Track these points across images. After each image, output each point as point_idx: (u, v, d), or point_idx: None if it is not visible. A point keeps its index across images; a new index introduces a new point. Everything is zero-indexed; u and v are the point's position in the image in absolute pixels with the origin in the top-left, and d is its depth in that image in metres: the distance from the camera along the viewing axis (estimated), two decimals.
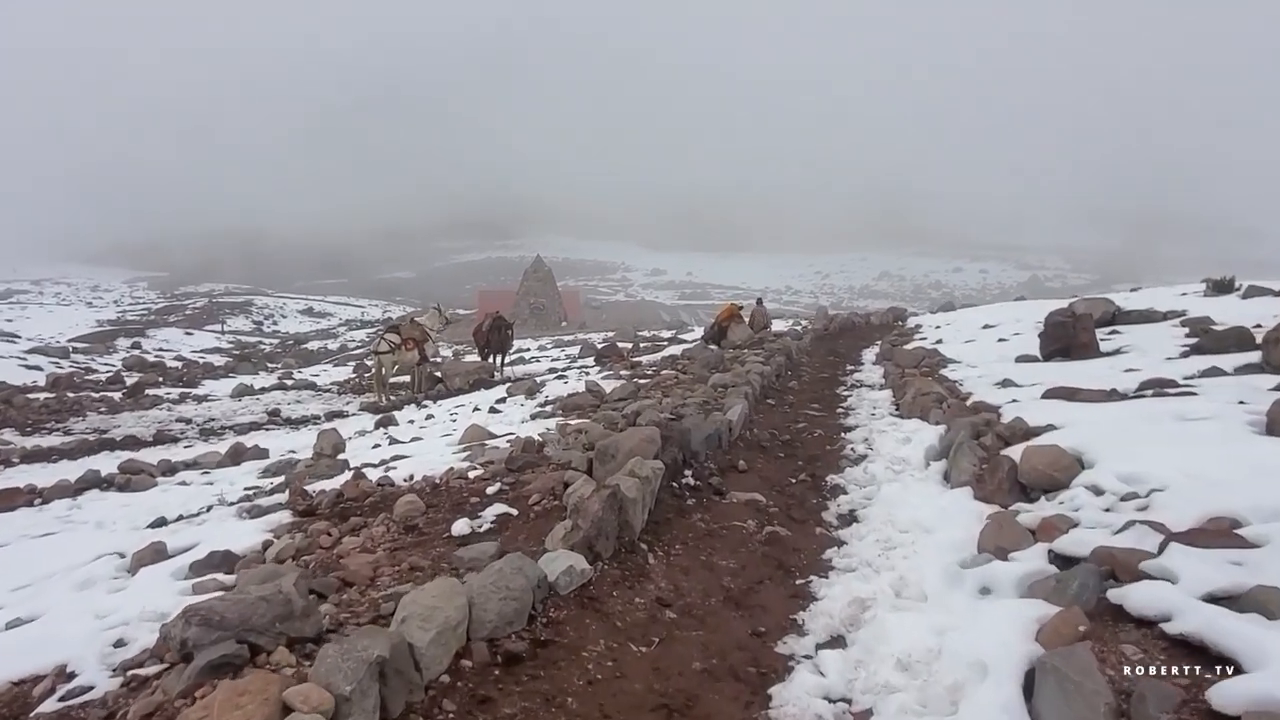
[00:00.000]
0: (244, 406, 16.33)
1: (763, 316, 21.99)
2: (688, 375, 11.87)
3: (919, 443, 6.95)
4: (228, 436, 13.03)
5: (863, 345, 20.49)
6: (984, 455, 5.65)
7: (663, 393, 9.94)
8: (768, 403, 10.42)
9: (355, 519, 5.32)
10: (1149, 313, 14.44)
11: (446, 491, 5.76)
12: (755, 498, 5.60)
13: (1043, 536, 3.96)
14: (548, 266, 63.35)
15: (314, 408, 16.28)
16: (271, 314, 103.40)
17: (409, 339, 16.95)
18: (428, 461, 7.21)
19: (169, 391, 18.77)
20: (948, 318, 23.59)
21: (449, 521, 4.99)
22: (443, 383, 17.98)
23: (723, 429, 7.08)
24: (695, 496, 5.58)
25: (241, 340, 67.16)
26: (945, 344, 15.52)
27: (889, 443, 7.37)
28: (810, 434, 8.25)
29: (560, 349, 29.14)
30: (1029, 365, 11.03)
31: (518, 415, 10.65)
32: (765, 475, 6.44)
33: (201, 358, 42.38)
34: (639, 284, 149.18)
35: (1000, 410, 7.28)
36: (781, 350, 15.09)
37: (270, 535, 5.32)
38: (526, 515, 5.03)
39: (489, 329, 19.29)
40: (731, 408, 7.89)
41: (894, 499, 5.46)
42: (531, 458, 6.17)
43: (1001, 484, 4.95)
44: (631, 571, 4.13)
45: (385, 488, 6.10)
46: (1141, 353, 10.69)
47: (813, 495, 5.93)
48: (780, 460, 7.08)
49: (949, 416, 7.46)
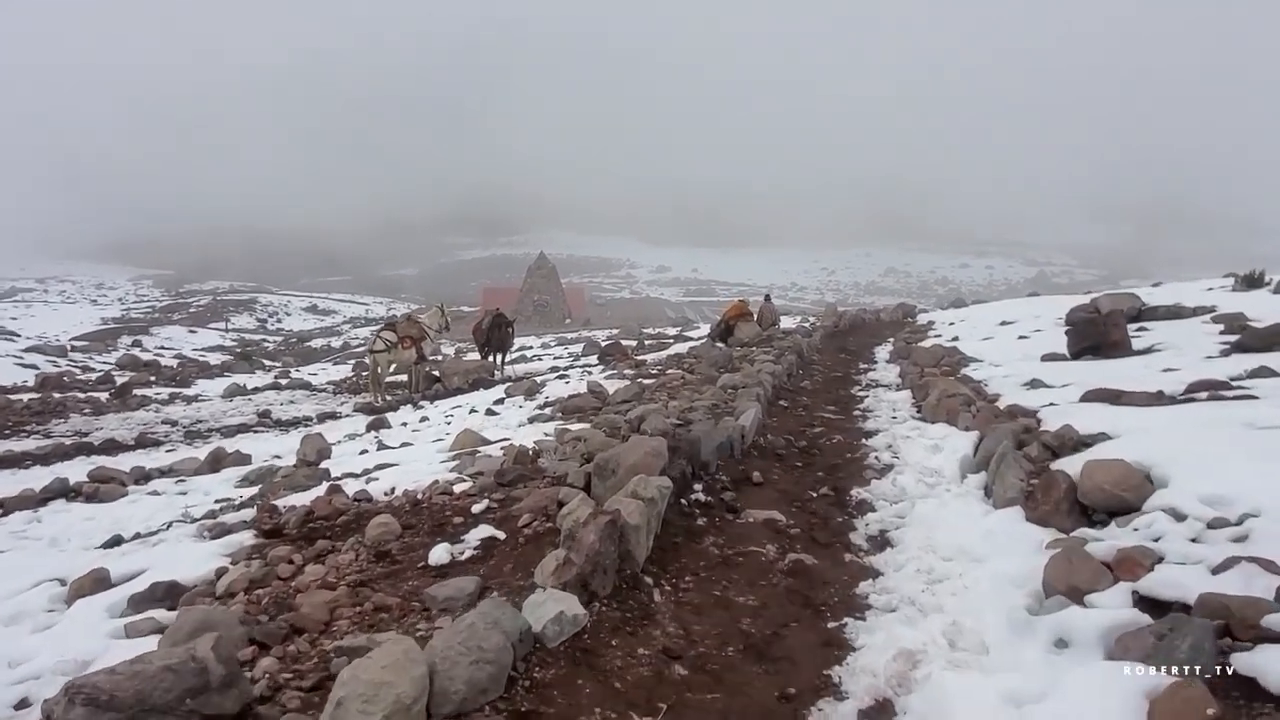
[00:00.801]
0: (234, 407, 15.74)
1: (771, 313, 21.37)
2: (695, 375, 11.24)
3: (951, 451, 6.32)
4: (213, 439, 12.43)
5: (874, 343, 19.84)
6: (1031, 468, 5.01)
7: (669, 395, 9.32)
8: (780, 404, 9.79)
9: (323, 542, 4.71)
10: (1177, 308, 13.79)
11: (428, 509, 5.15)
12: (774, 516, 4.98)
13: (1123, 574, 3.33)
14: (551, 263, 62.79)
15: (307, 409, 15.69)
16: (275, 311, 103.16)
17: (406, 337, 16.35)
18: (413, 472, 6.61)
19: (159, 392, 18.20)
20: (961, 314, 22.93)
21: (427, 546, 4.39)
22: (441, 382, 17.38)
23: (735, 436, 6.45)
24: (706, 515, 4.96)
25: (245, 338, 66.77)
26: (963, 341, 14.87)
27: (916, 450, 6.74)
28: (829, 440, 7.61)
29: (563, 347, 28.54)
30: (1057, 364, 10.39)
31: (515, 418, 10.04)
32: (783, 488, 5.81)
33: (202, 355, 41.92)
34: (643, 280, 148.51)
35: (1038, 415, 6.65)
36: (792, 348, 14.45)
37: (227, 560, 4.71)
38: (515, 539, 4.42)
39: (489, 327, 18.68)
40: (743, 412, 7.26)
41: (931, 518, 4.83)
42: (524, 470, 5.55)
43: (1059, 504, 4.31)
44: (634, 613, 3.51)
45: (361, 504, 5.49)
46: (1178, 351, 10.04)
47: (837, 512, 5.30)
48: (798, 470, 6.45)
49: (981, 422, 6.83)
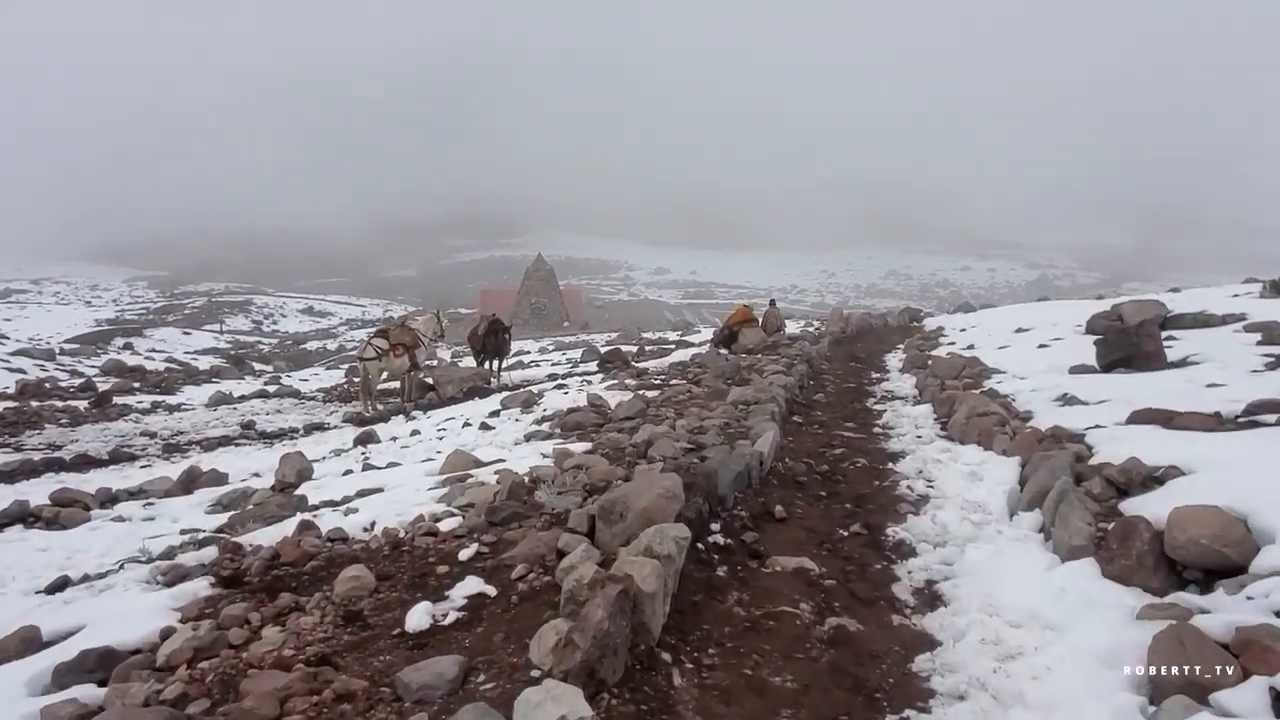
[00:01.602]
0: (218, 417, 15.09)
1: (776, 319, 20.74)
2: (701, 388, 10.62)
3: (994, 482, 5.70)
4: (192, 454, 11.80)
5: (884, 349, 19.25)
6: (1098, 509, 4.39)
7: (676, 411, 8.70)
8: (794, 421, 9.17)
9: (287, 596, 4.07)
10: (1205, 316, 13.20)
11: (409, 554, 4.53)
12: (804, 565, 4.35)
13: (1253, 663, 2.71)
14: (549, 266, 62.17)
15: (293, 419, 15.04)
16: (271, 313, 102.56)
17: (399, 344, 15.71)
18: (398, 501, 5.98)
19: (140, 400, 17.53)
20: (971, 319, 22.32)
21: (405, 605, 3.77)
22: (435, 390, 16.74)
23: (753, 463, 5.83)
24: (727, 563, 4.34)
25: (240, 340, 66.12)
26: (979, 350, 14.27)
27: (952, 478, 6.12)
28: (852, 464, 6.99)
29: (561, 352, 27.91)
30: (1088, 377, 9.77)
31: (511, 434, 9.42)
32: (809, 525, 5.19)
33: (194, 359, 41.26)
34: (642, 283, 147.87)
35: (1085, 439, 6.04)
36: (802, 357, 13.84)
37: (176, 616, 4.08)
38: (507, 596, 3.79)
39: (485, 332, 18.02)
40: (760, 434, 6.64)
41: (986, 569, 4.21)
42: (518, 507, 4.92)
43: (1142, 559, 3.69)
44: (651, 704, 2.89)
45: (335, 545, 4.86)
46: (1218, 364, 9.42)
47: (874, 556, 4.68)
48: (823, 501, 5.83)
49: (1022, 446, 6.21)
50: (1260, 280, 19.91)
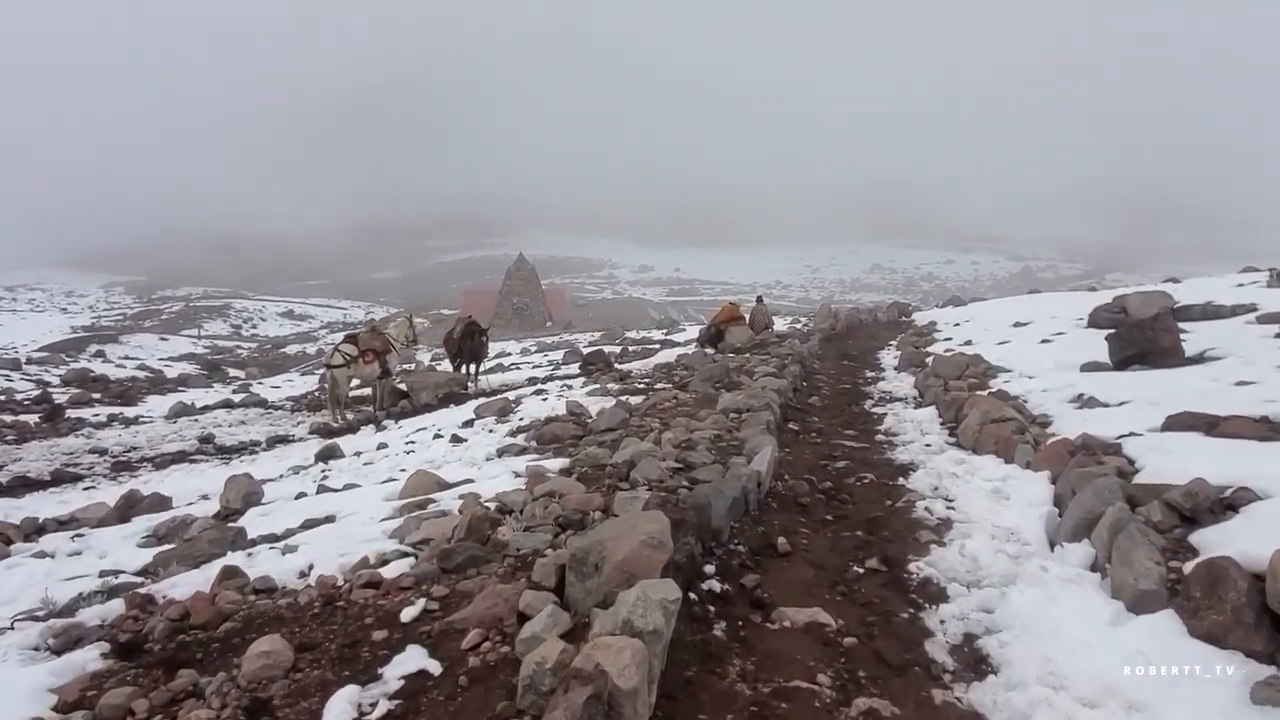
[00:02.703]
0: (176, 431, 14.21)
1: (764, 316, 20.05)
2: (689, 393, 9.89)
3: (1024, 503, 5.00)
4: (142, 472, 10.96)
5: (876, 346, 18.60)
6: (1164, 543, 3.69)
7: (661, 421, 7.96)
8: (790, 429, 8.47)
9: (186, 675, 3.30)
10: (1214, 307, 12.60)
11: (343, 612, 3.77)
12: (816, 618, 3.63)
13: None
14: (531, 265, 61.25)
15: (257, 431, 14.18)
16: (250, 317, 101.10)
17: (368, 350, 14.87)
18: (344, 536, 5.21)
19: (98, 413, 16.60)
20: (964, 313, 21.69)
21: (326, 689, 3.02)
22: (409, 398, 15.92)
23: (750, 486, 5.11)
24: (725, 615, 3.61)
25: (218, 345, 64.79)
26: (977, 346, 13.62)
27: (974, 497, 5.41)
28: (858, 480, 6.28)
29: (543, 353, 27.10)
30: (1101, 376, 9.12)
31: (483, 448, 8.65)
32: (816, 558, 4.48)
33: (168, 365, 40.14)
34: (626, 281, 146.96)
35: (1122, 449, 5.35)
36: (794, 357, 13.15)
37: (52, 702, 3.31)
38: (454, 676, 3.05)
39: (460, 335, 17.19)
40: (756, 450, 5.92)
41: (1037, 621, 3.49)
42: (476, 550, 4.17)
43: (1240, 614, 2.99)
44: None
45: (259, 599, 4.09)
46: (1241, 359, 8.78)
47: (897, 601, 3.96)
48: (830, 528, 5.12)
49: (1051, 460, 5.52)
50: (1261, 269, 19.41)
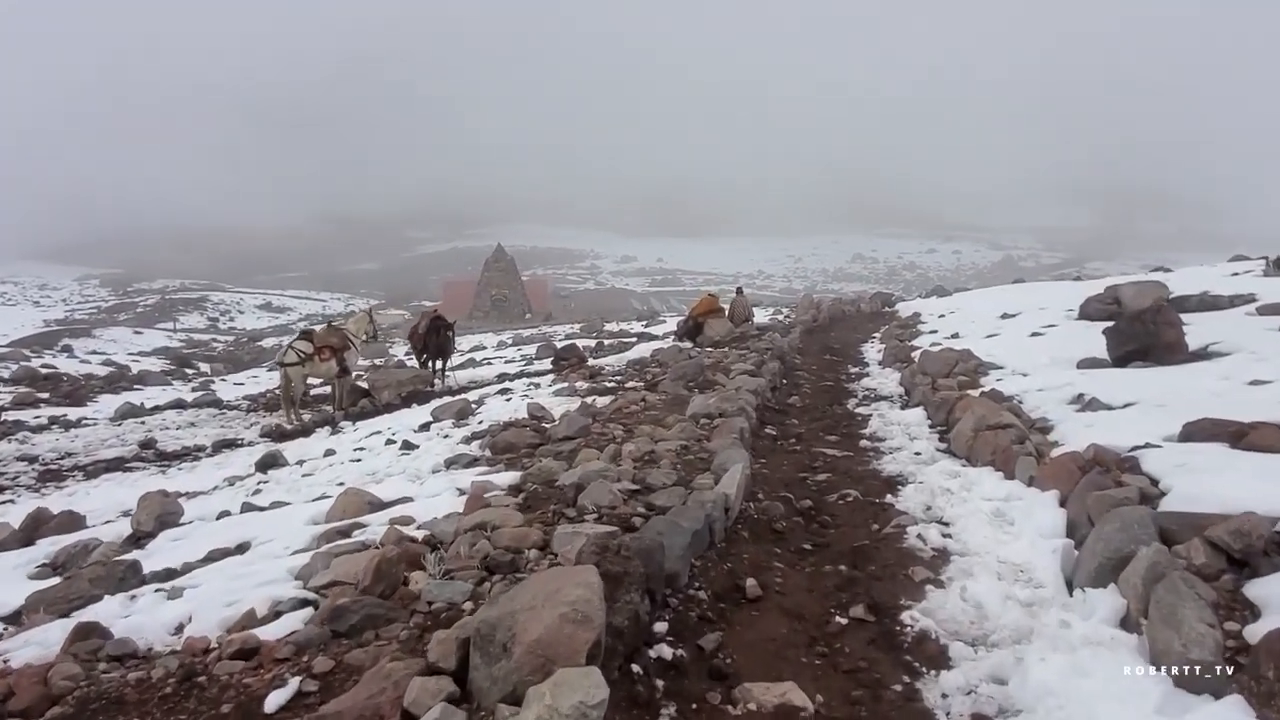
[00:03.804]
0: (118, 434, 13.32)
1: (744, 308, 19.38)
2: (658, 394, 9.17)
3: (1033, 531, 4.32)
4: (70, 482, 10.12)
5: (859, 339, 17.95)
6: (1215, 597, 3.01)
7: (624, 429, 7.23)
8: (767, 434, 7.77)
9: None
10: (1211, 298, 12.02)
11: (200, 693, 3.02)
12: (789, 699, 2.91)
13: None
14: (510, 256, 60.30)
15: (205, 434, 13.32)
16: (228, 310, 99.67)
17: (325, 347, 14.04)
18: (243, 575, 4.46)
19: (40, 415, 15.66)
20: (949, 304, 21.06)
21: None
22: (370, 397, 15.11)
23: (715, 513, 4.40)
24: (676, 696, 2.90)
25: (194, 338, 63.46)
26: (965, 339, 12.97)
27: (974, 521, 4.72)
28: (841, 497, 5.58)
29: (518, 347, 26.31)
30: (1100, 373, 8.45)
31: (432, 457, 7.88)
32: (793, 606, 3.77)
33: (136, 360, 39.00)
34: (609, 271, 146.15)
35: (1140, 464, 4.68)
36: (773, 352, 12.45)
37: None
38: None
39: (426, 331, 16.36)
40: (726, 466, 5.21)
41: (1067, 706, 2.79)
42: (374, 607, 3.41)
43: None
44: None
45: (106, 672, 3.33)
46: (1250, 354, 8.15)
47: (889, 666, 3.26)
48: (809, 560, 4.42)
49: (1058, 476, 4.84)
50: (1252, 258, 18.94)
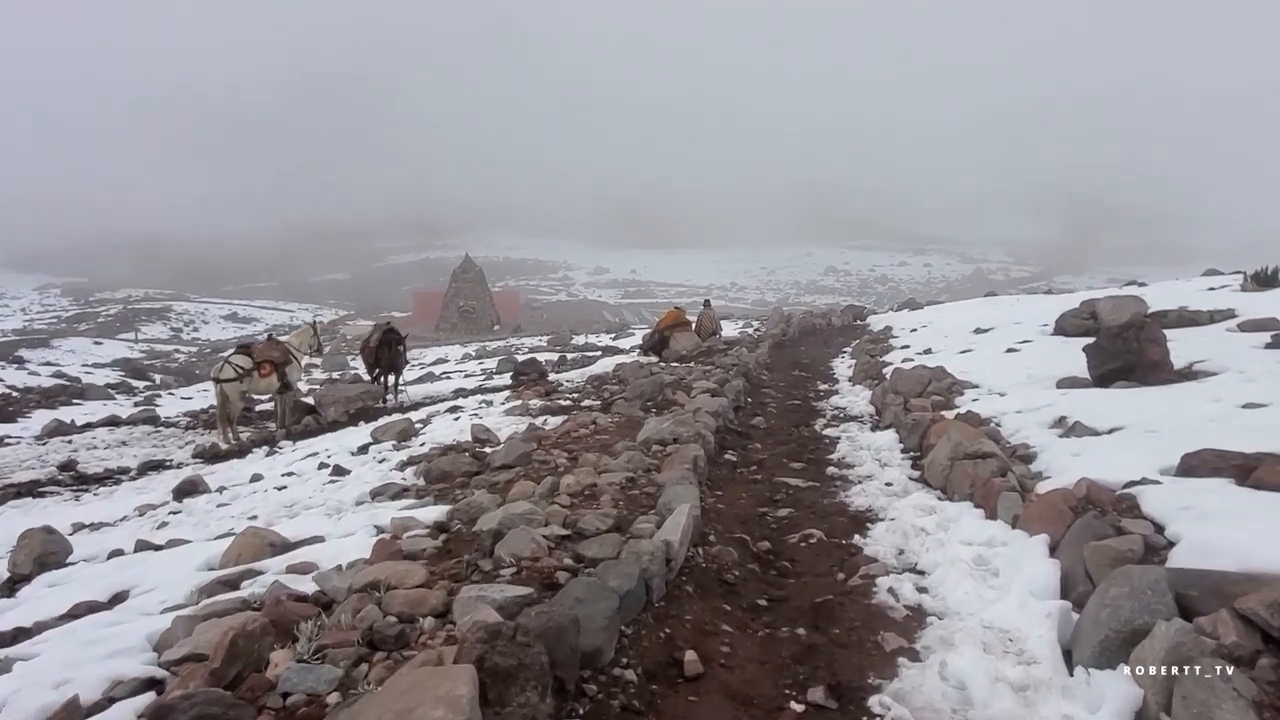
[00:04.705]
0: (39, 455, 12.40)
1: (711, 322, 18.80)
2: (612, 416, 8.50)
3: (1023, 589, 3.70)
4: None
5: (829, 353, 17.44)
6: (1259, 695, 2.40)
7: (569, 456, 6.56)
8: (726, 460, 7.14)
9: None
10: (1191, 314, 11.59)
11: None
12: None
13: None
14: (478, 267, 59.42)
15: (134, 454, 12.44)
16: (192, 320, 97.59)
17: (265, 361, 13.23)
18: (93, 642, 3.73)
19: None
20: (921, 318, 20.63)
21: None
22: (316, 413, 14.29)
23: (654, 567, 3.74)
24: None
25: (156, 349, 61.78)
26: (938, 355, 12.48)
27: (954, 574, 4.10)
28: (804, 539, 4.95)
29: (479, 361, 25.54)
30: (1082, 394, 7.92)
31: (359, 487, 7.15)
32: (740, 687, 3.13)
33: (89, 372, 37.67)
34: (581, 283, 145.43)
35: (1140, 504, 4.09)
36: (739, 368, 11.85)
37: None
38: None
39: (377, 344, 15.55)
40: (672, 506, 4.56)
41: None
42: (212, 704, 2.71)
43: None
44: None
45: None
46: (1238, 374, 7.64)
47: None
48: (763, 622, 3.78)
49: (1047, 518, 4.26)
50: (1224, 272, 18.71)
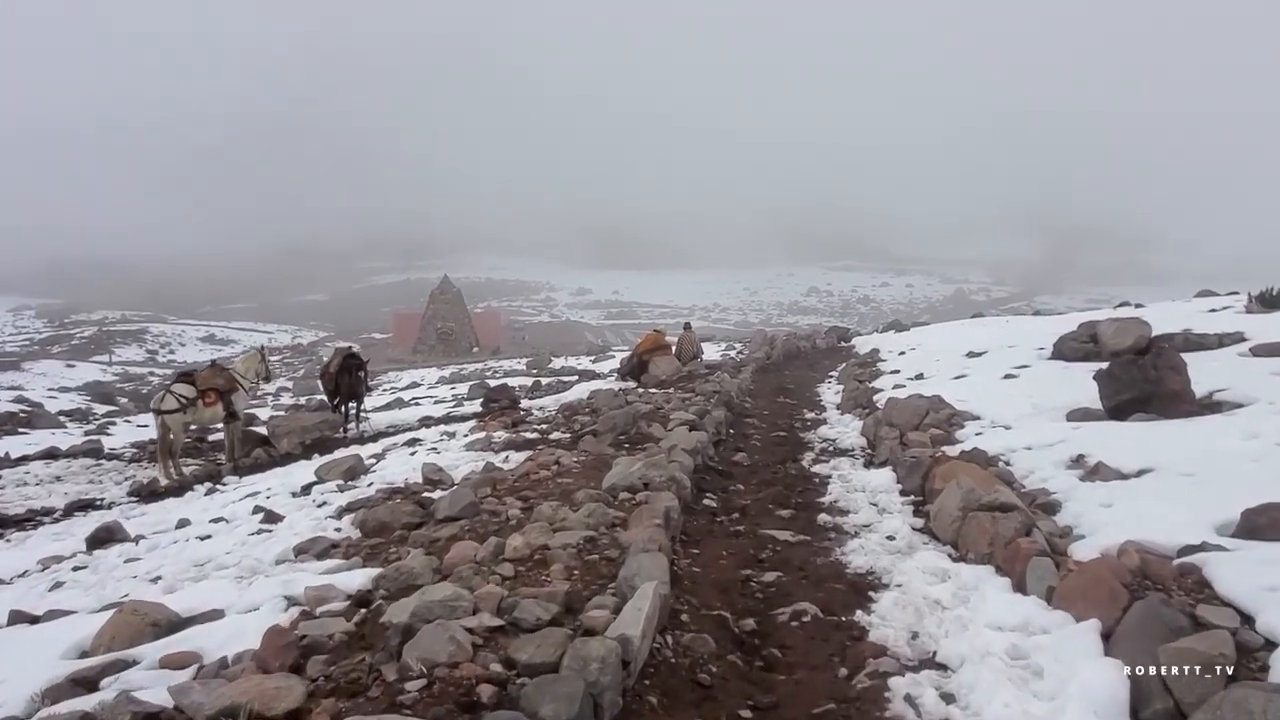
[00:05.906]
0: None
1: (691, 344, 18.00)
2: (577, 454, 7.65)
3: (1079, 701, 2.87)
4: None
5: (816, 379, 16.67)
6: None
7: (524, 505, 5.70)
8: (705, 506, 6.29)
9: None
10: (1198, 337, 10.90)
11: None
12: None
13: None
14: (456, 288, 58.47)
15: (64, 492, 11.41)
16: (168, 342, 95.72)
17: (209, 390, 12.27)
18: None
19: None
20: (909, 340, 19.88)
21: None
22: (268, 445, 13.31)
23: (605, 680, 2.88)
24: None
25: (130, 372, 60.22)
26: (931, 381, 11.75)
27: (988, 677, 3.27)
28: (795, 616, 4.11)
29: (450, 386, 24.59)
30: (1096, 427, 7.15)
31: (287, 538, 6.22)
32: None
33: (53, 398, 36.36)
34: (564, 304, 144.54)
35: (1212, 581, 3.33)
36: (719, 396, 11.04)
37: None
38: None
39: (337, 370, 14.59)
40: (635, 584, 3.70)
41: None
42: None
43: None
44: None
45: None
46: (1270, 406, 6.87)
47: None
48: None
49: (1097, 598, 3.46)
50: (1219, 293, 18.19)
